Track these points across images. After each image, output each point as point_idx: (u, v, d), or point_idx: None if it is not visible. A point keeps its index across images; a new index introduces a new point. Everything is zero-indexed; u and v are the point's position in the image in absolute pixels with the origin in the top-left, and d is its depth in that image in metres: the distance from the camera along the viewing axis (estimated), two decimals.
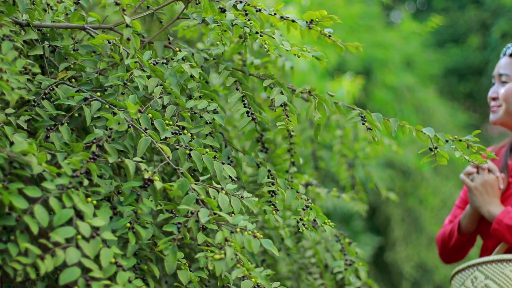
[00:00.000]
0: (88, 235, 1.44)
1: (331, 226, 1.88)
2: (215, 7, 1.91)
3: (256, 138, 2.17)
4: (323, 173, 4.17)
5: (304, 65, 4.81)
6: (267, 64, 2.52)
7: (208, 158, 1.71)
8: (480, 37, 10.78)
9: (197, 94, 1.88)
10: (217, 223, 1.60)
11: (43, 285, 1.61)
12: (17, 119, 1.63)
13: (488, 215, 2.36)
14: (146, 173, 1.57)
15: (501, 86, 2.47)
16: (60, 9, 1.92)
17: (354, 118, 2.00)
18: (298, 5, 5.59)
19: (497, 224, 2.33)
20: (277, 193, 1.88)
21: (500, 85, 2.48)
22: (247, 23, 1.88)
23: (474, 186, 2.39)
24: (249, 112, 1.93)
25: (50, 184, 1.46)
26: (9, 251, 1.41)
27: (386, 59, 6.79)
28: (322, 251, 2.57)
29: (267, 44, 1.88)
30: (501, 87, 2.47)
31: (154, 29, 3.08)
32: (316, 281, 2.57)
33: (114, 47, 1.87)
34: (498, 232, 2.34)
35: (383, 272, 6.20)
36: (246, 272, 1.55)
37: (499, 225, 2.33)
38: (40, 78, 1.75)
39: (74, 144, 1.59)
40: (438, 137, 2.00)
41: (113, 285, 1.44)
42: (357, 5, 6.83)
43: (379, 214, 6.09)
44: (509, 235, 2.32)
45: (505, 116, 2.46)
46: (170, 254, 1.55)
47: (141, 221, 1.59)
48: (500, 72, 2.48)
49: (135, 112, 1.65)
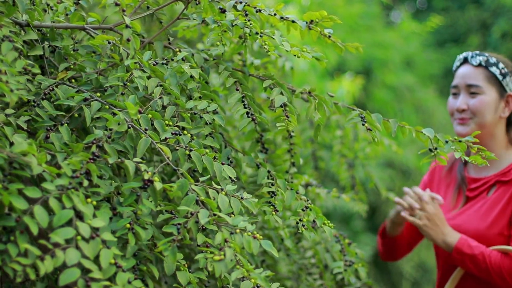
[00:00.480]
0: (88, 236, 1.44)
1: (330, 227, 1.88)
2: (215, 7, 1.91)
3: (256, 139, 2.17)
4: (323, 173, 4.17)
5: (304, 65, 4.81)
6: (267, 65, 2.52)
7: (208, 158, 1.71)
8: (480, 37, 10.78)
9: (197, 95, 1.88)
10: (217, 224, 1.60)
11: (42, 285, 1.60)
12: (17, 120, 1.63)
13: (446, 246, 2.35)
14: (146, 173, 1.57)
15: (470, 98, 2.43)
16: (60, 9, 1.92)
17: (354, 119, 2.01)
18: (298, 5, 5.59)
19: (457, 254, 2.32)
20: (276, 193, 1.88)
21: (467, 96, 2.44)
22: (247, 24, 1.88)
23: (423, 223, 2.36)
24: (249, 113, 1.93)
25: (50, 184, 1.46)
26: (9, 251, 1.41)
27: (386, 59, 6.79)
28: (322, 251, 2.57)
29: (267, 44, 1.88)
30: (471, 99, 2.43)
31: (154, 30, 3.08)
32: (316, 282, 2.57)
33: (114, 48, 1.87)
34: (459, 261, 2.34)
35: (383, 272, 6.19)
36: (245, 273, 1.55)
37: (460, 255, 2.32)
38: (40, 78, 1.74)
39: (74, 144, 1.58)
40: (438, 138, 2.00)
41: (113, 285, 1.44)
42: (357, 5, 6.83)
43: (379, 214, 6.08)
44: (471, 264, 2.31)
45: (476, 128, 2.43)
46: (169, 255, 1.55)
47: (141, 222, 1.59)
48: (470, 83, 2.44)
49: (135, 113, 1.65)
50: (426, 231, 2.36)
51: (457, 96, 2.49)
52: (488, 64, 2.43)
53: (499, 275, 2.29)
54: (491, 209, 2.38)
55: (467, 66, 2.48)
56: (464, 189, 2.50)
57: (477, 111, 2.41)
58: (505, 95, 2.44)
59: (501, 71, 2.43)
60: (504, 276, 2.28)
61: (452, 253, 2.33)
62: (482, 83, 2.42)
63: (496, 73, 2.43)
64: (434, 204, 2.37)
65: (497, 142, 2.46)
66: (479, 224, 2.38)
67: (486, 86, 2.42)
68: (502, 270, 2.28)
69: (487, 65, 2.43)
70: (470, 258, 2.30)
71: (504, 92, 2.44)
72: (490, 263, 2.28)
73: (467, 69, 2.47)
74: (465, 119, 2.44)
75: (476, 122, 2.42)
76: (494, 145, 2.46)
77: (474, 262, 2.30)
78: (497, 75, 2.43)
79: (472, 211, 2.43)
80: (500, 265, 2.28)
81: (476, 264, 2.30)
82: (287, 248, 2.51)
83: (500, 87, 2.43)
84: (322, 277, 2.60)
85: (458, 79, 2.48)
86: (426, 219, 2.34)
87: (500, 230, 2.34)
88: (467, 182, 2.49)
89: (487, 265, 2.29)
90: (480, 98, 2.42)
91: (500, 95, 2.43)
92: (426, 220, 2.34)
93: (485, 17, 10.79)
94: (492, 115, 2.42)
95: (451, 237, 2.33)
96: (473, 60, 2.45)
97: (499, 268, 2.28)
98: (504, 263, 2.28)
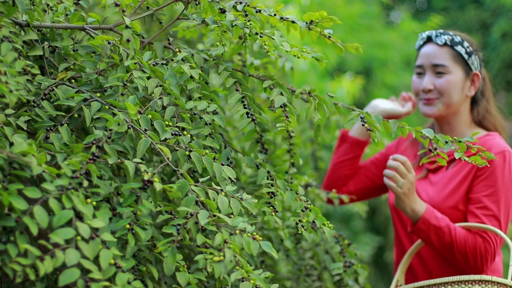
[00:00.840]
0: (88, 236, 1.44)
1: (330, 227, 1.88)
2: (215, 8, 1.91)
3: (255, 139, 2.17)
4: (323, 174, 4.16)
5: (304, 65, 4.81)
6: (267, 65, 2.53)
7: (208, 159, 1.71)
8: (480, 37, 10.77)
9: (197, 95, 1.88)
10: (217, 224, 1.60)
11: (42, 286, 1.60)
12: (17, 120, 1.63)
13: (413, 215, 2.26)
14: (145, 174, 1.57)
15: (436, 78, 2.41)
16: (60, 9, 1.92)
17: (353, 119, 2.01)
18: (298, 5, 5.59)
19: (423, 224, 2.24)
20: (276, 194, 1.88)
21: (433, 76, 2.42)
22: (247, 24, 1.88)
23: (403, 192, 2.26)
24: (249, 113, 1.93)
25: (49, 185, 1.46)
26: (9, 252, 1.41)
27: (386, 59, 6.79)
28: (321, 253, 2.58)
29: (267, 45, 1.88)
30: (437, 79, 2.41)
31: (154, 30, 3.08)
32: (314, 283, 2.57)
33: (114, 48, 1.87)
34: (423, 233, 2.26)
35: (383, 272, 6.20)
36: (245, 274, 1.55)
37: (426, 225, 2.24)
38: (40, 78, 1.74)
39: (74, 145, 1.58)
40: (437, 138, 2.00)
41: (112, 286, 1.44)
42: (357, 5, 6.83)
43: (379, 214, 6.08)
44: (435, 236, 2.25)
45: (444, 109, 2.42)
46: (169, 256, 1.55)
47: (141, 223, 1.59)
48: (436, 63, 2.41)
49: (135, 113, 1.65)
50: (403, 199, 2.25)
51: (422, 75, 2.46)
52: (453, 43, 2.41)
53: (462, 252, 2.24)
54: (448, 182, 2.36)
55: (432, 45, 2.45)
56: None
57: (444, 91, 2.40)
58: (471, 74, 2.43)
59: (467, 49, 2.42)
60: (466, 252, 2.24)
61: (418, 224, 2.24)
62: (449, 63, 2.41)
63: (462, 52, 2.41)
64: (412, 175, 2.28)
65: (461, 120, 2.46)
66: (435, 195, 2.36)
67: (452, 66, 2.40)
68: (466, 246, 2.23)
69: (453, 44, 2.41)
70: (435, 230, 2.24)
71: (469, 71, 2.43)
72: (455, 237, 2.23)
73: (432, 48, 2.45)
74: (431, 99, 2.42)
75: (443, 102, 2.41)
76: (458, 123, 2.45)
77: (438, 234, 2.24)
78: (462, 54, 2.41)
79: (429, 183, 2.42)
80: (464, 241, 2.23)
81: (440, 236, 2.24)
82: (287, 249, 2.51)
83: (466, 66, 2.42)
84: (320, 278, 2.60)
85: (423, 59, 2.46)
86: (407, 188, 2.25)
87: (455, 204, 2.32)
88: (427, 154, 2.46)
89: (451, 239, 2.23)
90: (447, 77, 2.40)
91: (466, 74, 2.42)
92: (406, 189, 2.25)
93: (485, 17, 10.79)
94: (459, 95, 2.41)
95: (420, 206, 2.26)
96: (438, 39, 2.43)
97: (463, 244, 2.23)
98: (468, 239, 2.24)
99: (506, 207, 2.30)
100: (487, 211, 2.28)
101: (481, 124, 2.48)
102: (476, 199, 2.30)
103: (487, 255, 2.26)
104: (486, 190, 2.30)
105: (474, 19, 10.88)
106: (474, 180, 2.33)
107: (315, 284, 2.56)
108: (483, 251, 2.25)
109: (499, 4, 10.35)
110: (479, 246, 2.25)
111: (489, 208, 2.28)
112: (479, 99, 2.48)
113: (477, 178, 2.32)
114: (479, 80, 2.45)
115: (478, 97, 2.48)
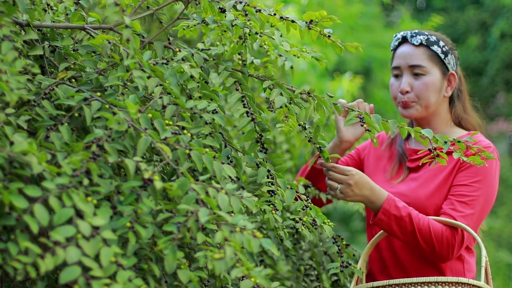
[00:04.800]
0: (88, 234, 1.44)
1: (330, 226, 1.89)
2: (215, 7, 1.91)
3: (255, 138, 2.17)
4: None
5: (303, 64, 4.82)
6: (267, 64, 2.53)
7: (208, 158, 1.71)
8: (479, 37, 10.79)
9: (197, 94, 1.89)
10: (217, 222, 1.60)
11: (43, 284, 1.61)
12: (17, 119, 1.63)
13: (372, 206, 2.21)
14: (146, 172, 1.58)
15: (414, 79, 2.39)
16: (60, 9, 1.93)
17: (352, 120, 2.01)
18: (298, 5, 5.59)
19: (383, 215, 2.19)
20: (276, 193, 1.88)
21: (410, 77, 2.40)
22: (247, 24, 1.89)
23: (344, 196, 2.20)
24: (249, 112, 1.93)
25: (50, 183, 1.46)
26: (9, 250, 1.42)
27: (385, 58, 6.79)
28: (319, 254, 2.58)
29: (266, 44, 1.89)
30: (415, 80, 2.39)
31: (154, 29, 3.09)
32: (313, 283, 2.57)
33: (114, 47, 1.87)
34: (384, 223, 2.20)
35: None
36: (245, 272, 1.55)
37: (386, 216, 2.19)
38: (40, 78, 1.75)
39: (74, 144, 1.59)
40: (436, 138, 2.00)
41: (113, 284, 1.44)
42: (356, 5, 6.84)
43: None
44: (397, 226, 2.20)
45: (422, 110, 2.40)
46: (170, 254, 1.55)
47: (141, 221, 1.60)
48: (413, 63, 2.39)
49: (135, 112, 1.65)
50: (352, 199, 2.21)
51: (399, 77, 2.44)
52: (429, 43, 2.39)
53: (427, 239, 2.18)
54: (433, 178, 2.34)
55: (407, 45, 2.43)
56: (405, 160, 2.45)
57: (422, 93, 2.38)
58: (448, 74, 2.42)
59: (442, 49, 2.40)
60: (432, 239, 2.18)
61: (378, 215, 2.20)
62: (426, 63, 2.38)
63: (438, 51, 2.39)
64: (351, 172, 2.20)
65: (441, 120, 2.45)
66: (419, 193, 2.34)
67: (429, 66, 2.38)
68: (431, 232, 2.18)
69: (428, 44, 2.39)
70: (396, 220, 2.18)
71: (446, 71, 2.42)
72: (418, 225, 2.18)
73: (408, 48, 2.42)
74: (409, 102, 2.40)
75: (421, 104, 2.39)
76: (437, 123, 2.44)
77: (400, 224, 2.18)
78: (439, 54, 2.39)
79: (412, 180, 2.39)
80: (429, 227, 2.18)
81: (401, 226, 2.18)
82: (286, 249, 2.51)
83: (442, 66, 2.41)
84: (319, 279, 2.60)
85: (400, 60, 2.44)
86: (346, 190, 2.18)
87: (441, 201, 2.30)
88: (407, 154, 2.45)
89: (413, 228, 2.17)
90: (425, 79, 2.38)
91: (443, 74, 2.41)
92: (348, 191, 2.17)
93: (484, 17, 10.80)
94: (437, 96, 2.40)
95: (378, 197, 2.20)
96: (413, 40, 2.41)
97: (427, 230, 2.18)
98: (434, 225, 2.19)
99: (485, 200, 2.28)
100: (462, 198, 2.26)
101: (460, 124, 2.47)
102: (455, 187, 2.29)
103: (454, 242, 2.20)
104: (466, 180, 2.28)
105: (474, 19, 10.89)
106: (457, 172, 2.31)
107: (314, 284, 2.57)
108: (450, 237, 2.19)
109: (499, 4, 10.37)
110: (445, 231, 2.20)
111: (465, 195, 2.26)
112: (456, 99, 2.48)
113: (459, 170, 2.31)
114: (455, 80, 2.44)
115: (455, 97, 2.48)
